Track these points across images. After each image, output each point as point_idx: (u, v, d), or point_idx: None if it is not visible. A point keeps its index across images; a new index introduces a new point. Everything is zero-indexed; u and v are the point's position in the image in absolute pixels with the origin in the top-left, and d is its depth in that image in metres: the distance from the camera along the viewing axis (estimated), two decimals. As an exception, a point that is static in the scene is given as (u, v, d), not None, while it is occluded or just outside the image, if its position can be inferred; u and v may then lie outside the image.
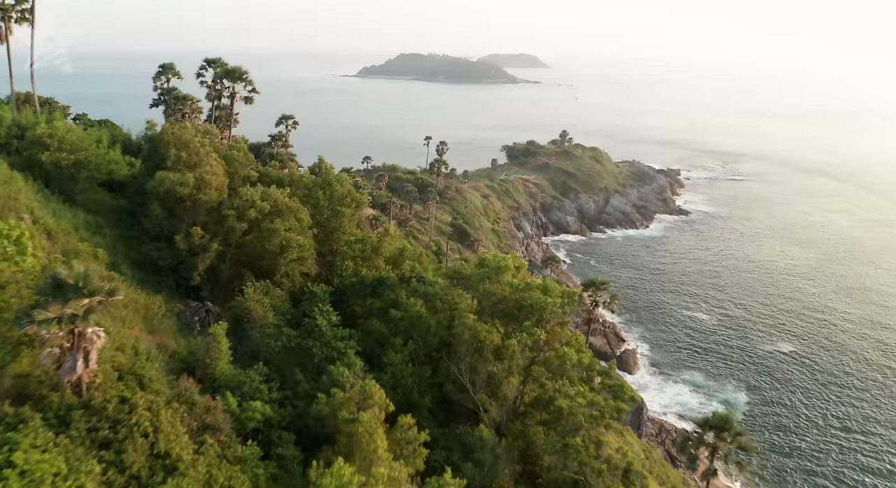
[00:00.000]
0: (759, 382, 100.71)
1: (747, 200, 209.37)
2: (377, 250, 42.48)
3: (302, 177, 46.92)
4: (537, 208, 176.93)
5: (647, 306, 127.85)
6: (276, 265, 36.76)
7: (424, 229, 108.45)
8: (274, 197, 37.16)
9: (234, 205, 35.78)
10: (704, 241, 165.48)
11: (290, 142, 65.06)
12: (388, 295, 37.48)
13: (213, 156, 39.26)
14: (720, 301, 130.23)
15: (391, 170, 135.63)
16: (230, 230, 35.60)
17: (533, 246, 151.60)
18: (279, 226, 36.12)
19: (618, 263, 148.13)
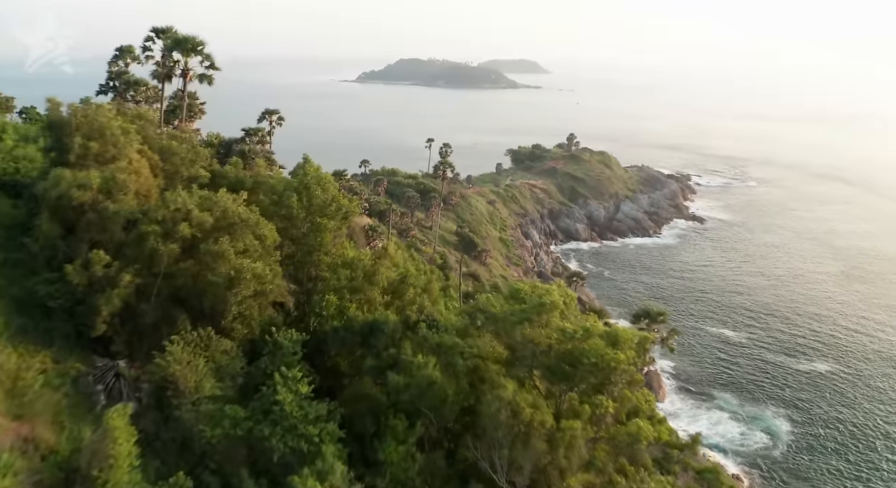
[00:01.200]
0: (800, 406, 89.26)
1: (762, 207, 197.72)
2: (371, 278, 30.62)
3: (270, 179, 34.76)
4: (545, 215, 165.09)
5: (669, 320, 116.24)
6: (225, 304, 24.98)
7: (427, 239, 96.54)
8: (222, 205, 25.30)
9: (158, 218, 23.93)
10: (723, 251, 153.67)
11: (268, 139, 53.35)
12: (385, 348, 25.63)
13: (144, 149, 27.53)
14: (746, 316, 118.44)
15: (391, 174, 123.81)
16: (153, 254, 23.85)
17: (542, 255, 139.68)
18: (227, 248, 24.30)
19: (632, 274, 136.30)
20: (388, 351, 25.07)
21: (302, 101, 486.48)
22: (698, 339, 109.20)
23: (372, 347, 26.06)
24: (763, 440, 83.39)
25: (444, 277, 72.37)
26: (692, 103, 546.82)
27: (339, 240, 34.54)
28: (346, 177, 66.42)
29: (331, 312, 27.84)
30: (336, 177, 67.30)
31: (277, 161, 51.94)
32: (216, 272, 24.42)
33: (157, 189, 26.98)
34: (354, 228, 57.85)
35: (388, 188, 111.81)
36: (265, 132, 52.70)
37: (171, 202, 24.41)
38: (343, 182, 66.47)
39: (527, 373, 27.72)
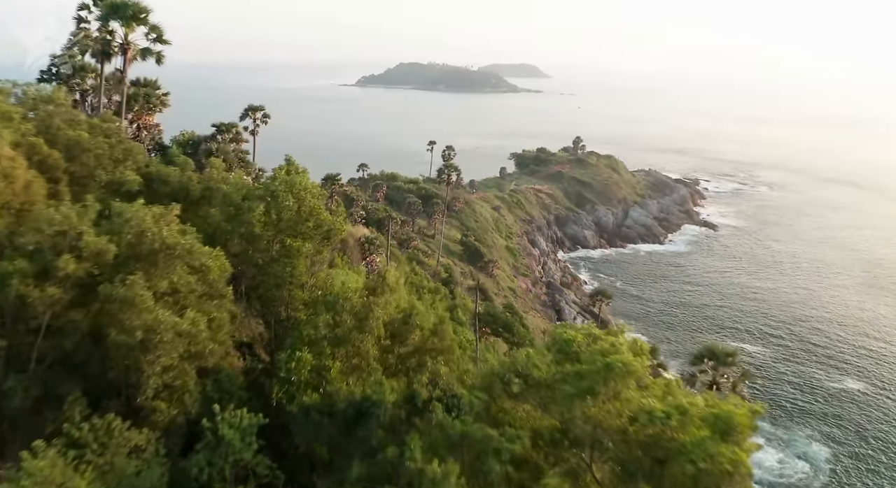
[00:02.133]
0: (835, 429, 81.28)
1: (775, 213, 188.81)
2: (363, 322, 21.75)
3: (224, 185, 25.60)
4: (551, 221, 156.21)
5: (686, 336, 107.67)
6: (139, 375, 16.18)
7: (430, 249, 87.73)
8: (136, 226, 16.49)
9: (28, 248, 15.12)
10: (738, 259, 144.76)
11: (244, 137, 44.59)
12: (382, 446, 16.69)
13: (36, 143, 18.81)
14: (768, 329, 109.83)
15: (390, 179, 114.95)
16: (21, 303, 15.09)
17: (550, 264, 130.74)
18: (138, 293, 15.48)
19: (646, 284, 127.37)
20: (387, 450, 16.29)
21: (300, 104, 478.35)
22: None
23: (361, 442, 17.26)
24: (803, 469, 75.42)
25: (450, 295, 63.53)
26: (693, 108, 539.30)
27: (321, 267, 25.76)
28: (339, 182, 57.77)
29: (303, 377, 19.09)
30: (329, 183, 58.57)
31: (256, 164, 43.13)
32: (124, 327, 15.69)
33: (49, 199, 18.20)
34: (349, 241, 49.05)
35: (387, 194, 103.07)
36: (240, 129, 43.88)
37: (47, 222, 15.66)
38: (336, 187, 57.73)
39: (584, 463, 18.99)
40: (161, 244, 16.67)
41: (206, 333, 16.71)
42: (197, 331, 16.28)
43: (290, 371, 18.98)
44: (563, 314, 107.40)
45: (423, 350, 25.10)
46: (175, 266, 17.13)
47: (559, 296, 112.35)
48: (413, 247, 71.87)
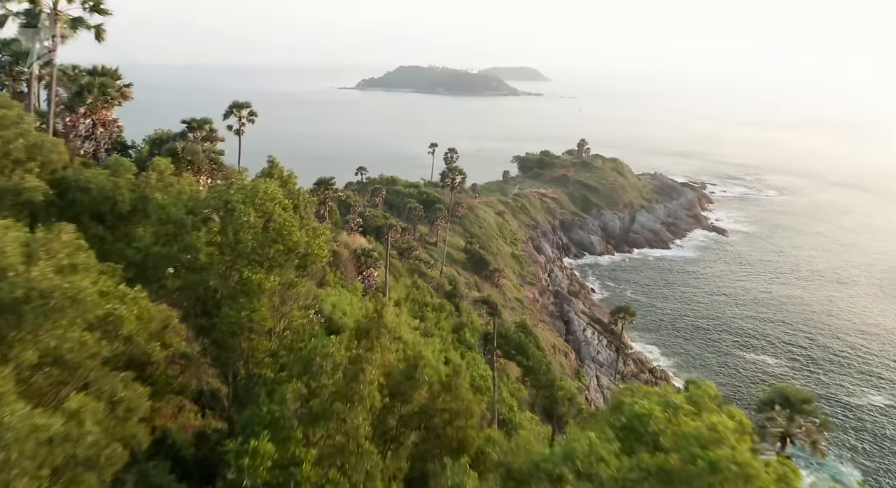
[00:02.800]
0: (865, 447, 75.84)
1: (785, 217, 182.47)
2: (351, 389, 15.24)
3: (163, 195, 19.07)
4: (556, 226, 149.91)
5: (702, 348, 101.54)
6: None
7: (433, 258, 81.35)
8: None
9: None
10: (751, 266, 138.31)
11: (218, 136, 38.28)
12: None
13: None
14: (787, 340, 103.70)
15: (390, 182, 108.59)
16: None
17: (556, 271, 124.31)
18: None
19: (657, 293, 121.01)
20: None
21: (299, 107, 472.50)
22: (738, 368, 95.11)
23: None
24: (839, 492, 69.37)
25: (455, 312, 57.18)
26: (694, 110, 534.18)
27: (294, 306, 19.41)
28: (333, 186, 51.34)
29: (261, 478, 12.72)
30: (322, 187, 52.25)
31: (237, 167, 36.84)
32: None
33: None
34: (342, 254, 42.75)
35: (386, 198, 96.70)
36: (215, 127, 37.48)
37: None
38: (330, 192, 51.42)
39: None
40: (28, 290, 10.46)
41: (96, 434, 10.41)
42: (81, 432, 10.04)
43: (241, 470, 12.65)
44: (571, 325, 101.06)
45: (432, 412, 18.81)
46: (58, 321, 10.93)
47: (567, 306, 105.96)
48: (414, 257, 65.54)
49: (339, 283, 39.76)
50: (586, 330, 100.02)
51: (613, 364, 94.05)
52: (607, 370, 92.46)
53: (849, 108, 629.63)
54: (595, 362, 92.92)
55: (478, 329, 49.33)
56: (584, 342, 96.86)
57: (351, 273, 41.04)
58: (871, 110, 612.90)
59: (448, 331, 45.64)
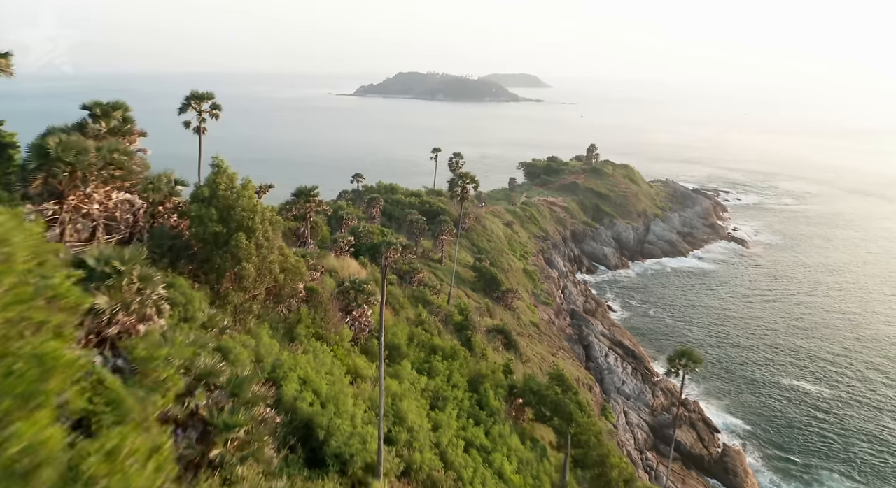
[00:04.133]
0: None
1: (806, 226, 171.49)
2: None
3: None
4: (567, 237, 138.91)
5: (733, 373, 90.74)
6: None
7: (438, 278, 70.23)
8: None
9: None
10: (779, 280, 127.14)
11: (137, 130, 27.30)
12: None
13: None
14: (825, 363, 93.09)
15: (388, 191, 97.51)
16: None
17: (570, 287, 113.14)
18: None
19: (680, 312, 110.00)
20: None
21: (295, 113, 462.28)
22: (774, 396, 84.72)
23: None
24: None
25: (470, 353, 45.99)
26: (696, 117, 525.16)
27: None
28: (315, 196, 39.80)
29: None
30: (302, 199, 41.15)
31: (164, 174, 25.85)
32: None
33: None
34: (323, 294, 31.67)
35: (384, 208, 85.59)
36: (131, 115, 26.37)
37: None
38: (312, 205, 40.34)
39: None
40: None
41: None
42: None
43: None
44: (592, 350, 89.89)
45: None
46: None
47: (586, 329, 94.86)
48: (417, 281, 54.44)
49: (316, 332, 28.65)
50: (608, 355, 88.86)
51: (641, 395, 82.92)
52: (635, 403, 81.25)
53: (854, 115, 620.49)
54: (621, 394, 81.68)
55: (500, 382, 38.12)
56: (606, 370, 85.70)
57: (334, 316, 29.87)
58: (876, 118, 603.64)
59: (464, 390, 34.48)
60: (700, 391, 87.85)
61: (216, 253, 24.54)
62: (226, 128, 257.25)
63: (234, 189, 24.47)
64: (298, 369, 22.14)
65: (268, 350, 22.73)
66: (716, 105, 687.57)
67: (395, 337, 36.42)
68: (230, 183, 24.82)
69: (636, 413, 78.77)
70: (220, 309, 23.81)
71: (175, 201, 26.49)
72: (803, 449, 73.57)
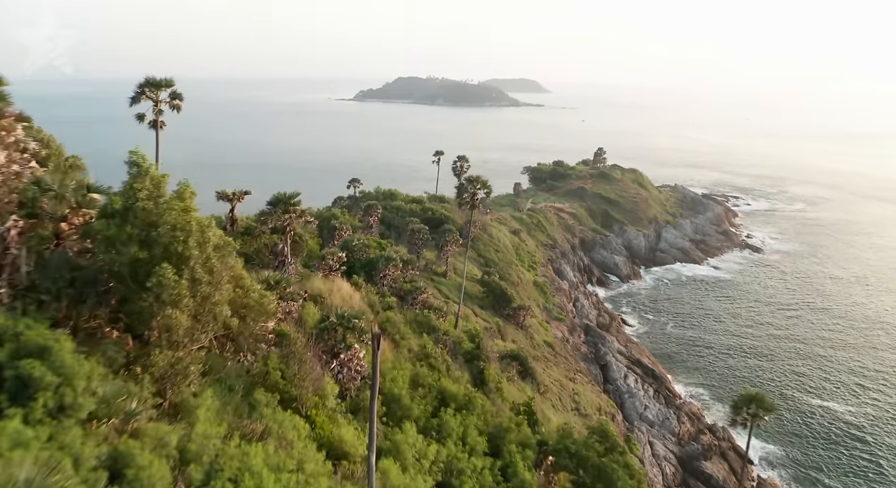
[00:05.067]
0: None
1: (822, 233, 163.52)
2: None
3: None
4: (576, 246, 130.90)
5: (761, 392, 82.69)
6: None
7: (444, 295, 62.32)
8: None
9: None
10: (799, 291, 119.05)
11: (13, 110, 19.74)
12: None
13: None
14: (856, 379, 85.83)
15: (388, 197, 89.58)
16: None
17: (582, 299, 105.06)
18: None
19: (700, 326, 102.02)
20: None
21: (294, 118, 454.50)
22: (804, 419, 77.15)
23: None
24: None
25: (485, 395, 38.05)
26: (697, 121, 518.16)
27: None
28: (296, 205, 31.92)
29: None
30: (279, 209, 33.21)
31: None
32: None
33: None
34: (297, 340, 23.76)
35: (383, 216, 77.63)
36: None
37: None
38: (292, 215, 32.40)
39: None
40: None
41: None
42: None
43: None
44: (609, 371, 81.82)
45: None
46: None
47: (602, 346, 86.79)
48: (421, 302, 46.50)
49: (285, 395, 20.66)
50: (628, 377, 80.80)
51: (666, 422, 74.85)
52: (660, 431, 73.15)
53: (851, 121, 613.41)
54: (644, 421, 73.59)
55: (527, 438, 30.13)
56: (627, 393, 77.63)
57: (313, 369, 21.87)
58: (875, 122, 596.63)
59: (482, 452, 26.44)
60: (725, 413, 79.98)
61: (135, 291, 16.62)
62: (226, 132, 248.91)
63: (160, 198, 16.60)
64: (247, 478, 14.18)
65: (202, 444, 14.75)
66: (717, 109, 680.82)
67: (395, 385, 28.42)
68: (155, 189, 16.93)
69: (662, 443, 70.72)
70: (136, 377, 15.87)
71: (86, 215, 18.57)
72: (840, 472, 66.23)
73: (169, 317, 16.10)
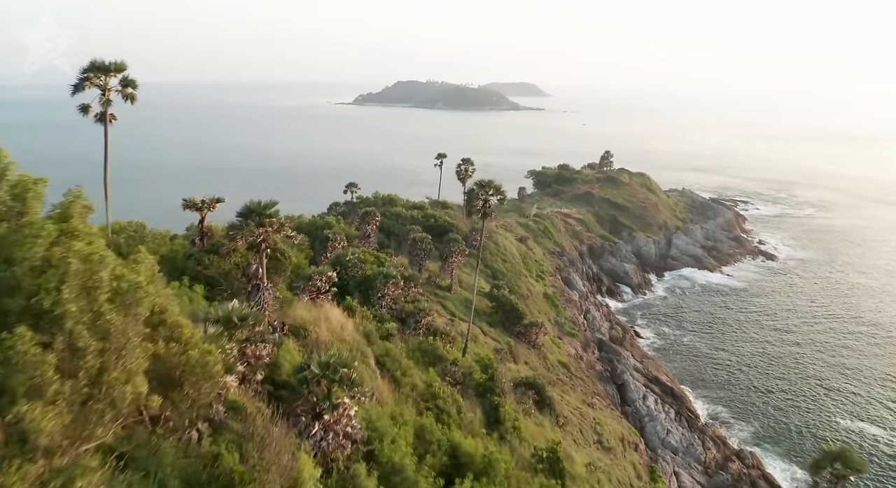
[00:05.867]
0: None
1: (836, 239, 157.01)
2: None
3: None
4: (584, 253, 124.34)
5: (781, 411, 76.82)
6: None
7: (449, 311, 55.84)
8: None
9: None
10: (822, 301, 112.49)
11: None
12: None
13: None
14: (889, 401, 79.56)
15: (387, 202, 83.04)
16: None
17: (593, 311, 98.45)
18: None
19: (718, 339, 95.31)
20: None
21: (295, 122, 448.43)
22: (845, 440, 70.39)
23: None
24: None
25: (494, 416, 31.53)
26: (700, 125, 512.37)
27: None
28: (272, 217, 25.70)
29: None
30: (251, 220, 26.70)
31: None
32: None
33: None
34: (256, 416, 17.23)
35: (382, 223, 71.12)
36: None
37: None
38: (267, 229, 25.91)
39: None
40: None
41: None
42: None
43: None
44: (627, 391, 75.22)
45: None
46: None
47: (618, 363, 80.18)
48: (425, 325, 40.00)
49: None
50: (647, 397, 74.17)
51: (690, 448, 68.22)
52: (684, 458, 66.49)
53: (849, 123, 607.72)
54: (667, 447, 66.94)
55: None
56: (647, 417, 70.97)
57: (283, 454, 15.28)
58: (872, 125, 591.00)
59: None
60: (750, 433, 73.75)
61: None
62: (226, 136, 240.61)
63: (21, 215, 10.18)
64: None
65: None
66: (718, 112, 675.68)
67: (396, 449, 21.88)
68: (16, 204, 10.49)
69: (688, 472, 64.07)
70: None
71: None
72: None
73: (20, 417, 9.60)
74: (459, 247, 62.10)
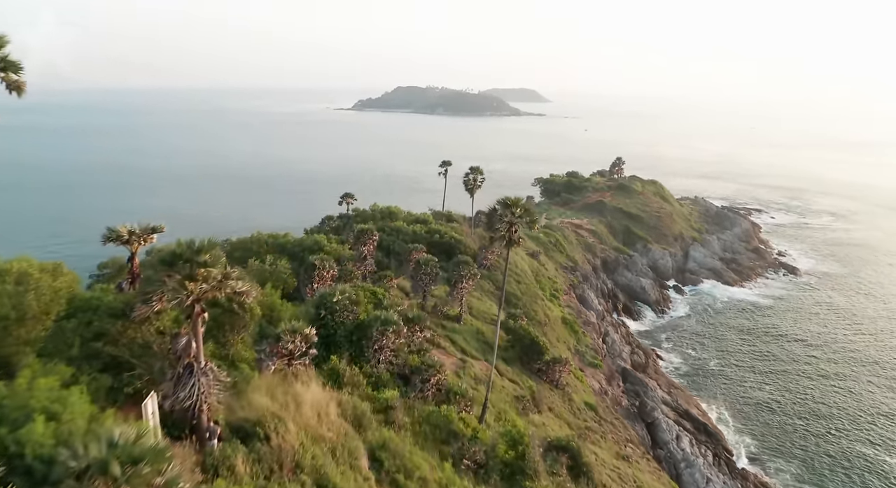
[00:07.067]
0: None
1: (860, 252, 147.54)
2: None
3: None
4: (598, 267, 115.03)
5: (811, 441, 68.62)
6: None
7: (458, 347, 46.72)
8: None
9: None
10: (854, 319, 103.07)
11: None
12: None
13: None
14: None
15: (386, 216, 73.77)
16: None
17: (612, 334, 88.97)
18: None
19: (743, 363, 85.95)
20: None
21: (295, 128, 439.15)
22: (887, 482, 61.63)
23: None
24: None
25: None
26: (704, 131, 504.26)
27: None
28: (208, 265, 17.51)
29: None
30: (184, 274, 17.49)
31: None
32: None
33: None
34: None
35: (381, 240, 61.94)
36: None
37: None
38: (203, 282, 16.84)
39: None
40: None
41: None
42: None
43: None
44: (658, 431, 65.74)
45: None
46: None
47: (645, 397, 70.72)
48: (435, 385, 30.82)
49: None
50: (681, 439, 64.75)
51: (733, 499, 58.92)
52: (729, 515, 57.25)
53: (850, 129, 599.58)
54: (708, 501, 57.65)
55: None
56: (683, 462, 61.49)
57: None
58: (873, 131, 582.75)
59: None
60: (791, 476, 64.53)
61: None
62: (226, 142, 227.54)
63: None
64: None
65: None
66: (721, 119, 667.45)
67: None
68: None
69: (734, 532, 54.77)
70: None
71: None
72: None
73: None
74: (470, 271, 52.88)
